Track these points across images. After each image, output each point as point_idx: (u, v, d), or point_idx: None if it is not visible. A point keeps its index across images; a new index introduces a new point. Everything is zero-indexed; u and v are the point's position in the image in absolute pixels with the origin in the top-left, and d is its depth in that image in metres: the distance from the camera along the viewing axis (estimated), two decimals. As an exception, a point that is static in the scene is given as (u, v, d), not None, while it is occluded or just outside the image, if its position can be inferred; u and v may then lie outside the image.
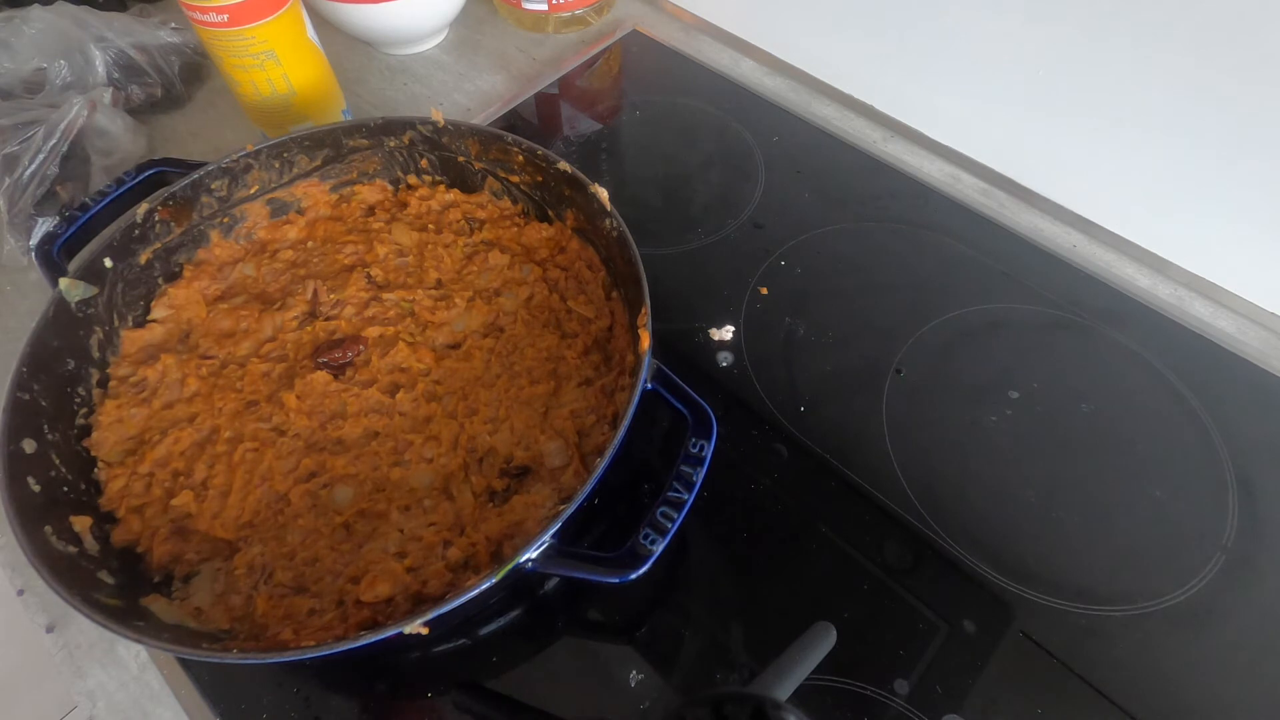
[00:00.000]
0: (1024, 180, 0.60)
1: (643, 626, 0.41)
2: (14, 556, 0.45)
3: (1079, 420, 0.48)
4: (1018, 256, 0.56)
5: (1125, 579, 0.42)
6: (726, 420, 0.48)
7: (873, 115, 0.66)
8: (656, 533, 0.35)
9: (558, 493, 0.42)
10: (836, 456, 0.47)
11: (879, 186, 0.61)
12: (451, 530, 0.40)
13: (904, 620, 0.41)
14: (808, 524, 0.44)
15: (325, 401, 0.45)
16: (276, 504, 0.42)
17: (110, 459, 0.43)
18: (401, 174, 0.56)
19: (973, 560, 0.43)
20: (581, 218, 0.50)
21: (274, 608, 0.38)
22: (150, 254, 0.49)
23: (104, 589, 0.36)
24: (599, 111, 0.67)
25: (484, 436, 0.44)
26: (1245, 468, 0.46)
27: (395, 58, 0.73)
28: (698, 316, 0.53)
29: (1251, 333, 0.53)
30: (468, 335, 0.48)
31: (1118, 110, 0.52)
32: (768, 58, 0.70)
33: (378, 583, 0.38)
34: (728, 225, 0.58)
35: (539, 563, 0.35)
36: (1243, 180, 0.49)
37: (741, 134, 0.64)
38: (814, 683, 0.39)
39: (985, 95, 0.58)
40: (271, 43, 0.55)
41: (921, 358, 0.51)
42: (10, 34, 0.60)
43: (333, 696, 0.40)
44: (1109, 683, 0.39)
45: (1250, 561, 0.43)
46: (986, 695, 0.39)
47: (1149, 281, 0.56)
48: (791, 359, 0.51)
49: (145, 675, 0.41)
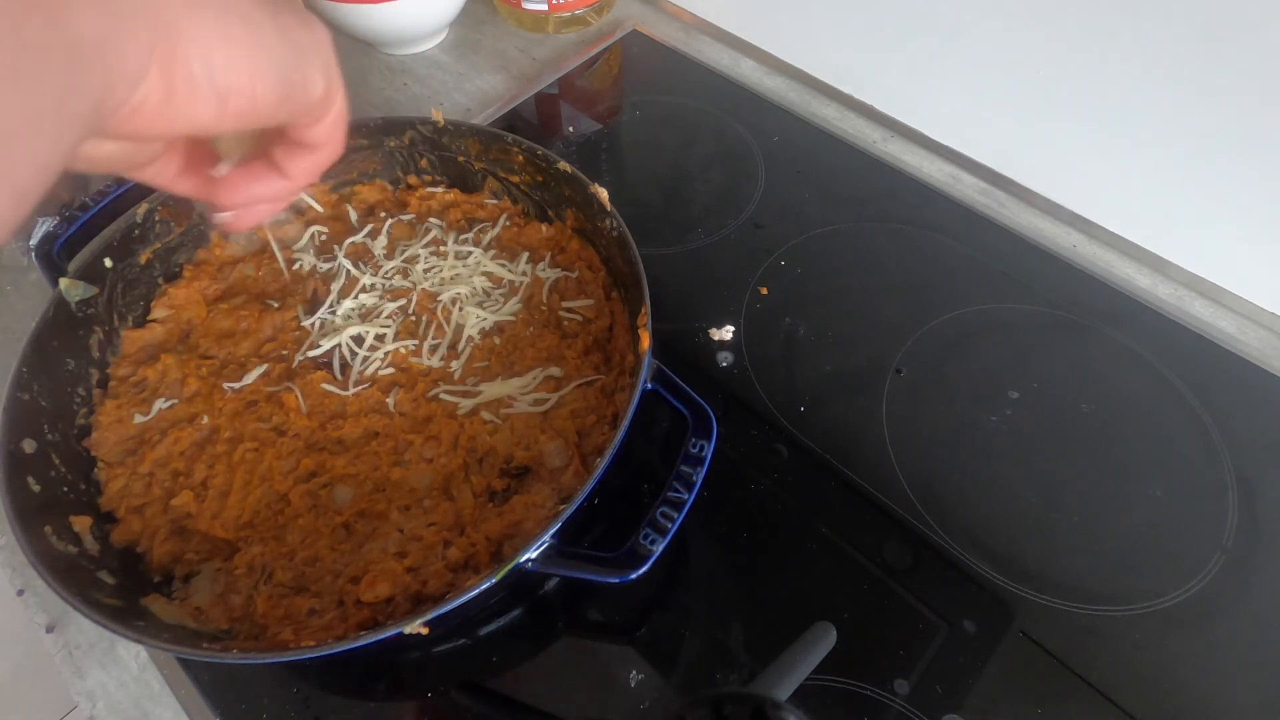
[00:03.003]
0: (1024, 180, 0.60)
1: (643, 626, 0.41)
2: (14, 556, 0.45)
3: (1079, 420, 0.48)
4: (1018, 256, 0.56)
5: (1125, 579, 0.42)
6: (726, 420, 0.48)
7: (873, 115, 0.66)
8: (656, 533, 0.35)
9: (558, 493, 0.42)
10: (836, 456, 0.47)
11: (879, 186, 0.61)
12: (451, 530, 0.40)
13: (904, 620, 0.41)
14: (808, 524, 0.44)
15: (325, 401, 0.45)
16: (276, 504, 0.42)
17: (110, 459, 0.43)
18: (401, 174, 0.56)
19: (973, 560, 0.43)
20: (581, 218, 0.50)
21: (274, 608, 0.38)
22: (150, 254, 0.49)
23: (104, 589, 0.36)
24: (599, 111, 0.67)
25: (484, 436, 0.44)
26: (1245, 468, 0.46)
27: (395, 58, 0.73)
28: (698, 316, 0.53)
29: (1251, 333, 0.53)
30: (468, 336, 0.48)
31: (1118, 110, 0.52)
32: (768, 58, 0.70)
33: (378, 583, 0.38)
34: (728, 225, 0.58)
35: (539, 563, 0.35)
36: (1243, 180, 0.49)
37: (741, 134, 0.64)
38: (814, 683, 0.39)
39: (985, 95, 0.58)
40: (271, 43, 0.55)
41: (921, 358, 0.51)
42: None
43: (333, 696, 0.40)
44: (1109, 683, 0.39)
45: (1250, 561, 0.43)
46: (986, 695, 0.39)
47: (1149, 281, 0.56)
48: (791, 359, 0.51)
49: (145, 675, 0.41)
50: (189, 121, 0.20)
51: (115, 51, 0.17)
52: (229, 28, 0.20)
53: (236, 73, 0.20)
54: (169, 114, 0.19)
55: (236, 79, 0.20)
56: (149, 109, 0.19)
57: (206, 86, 0.20)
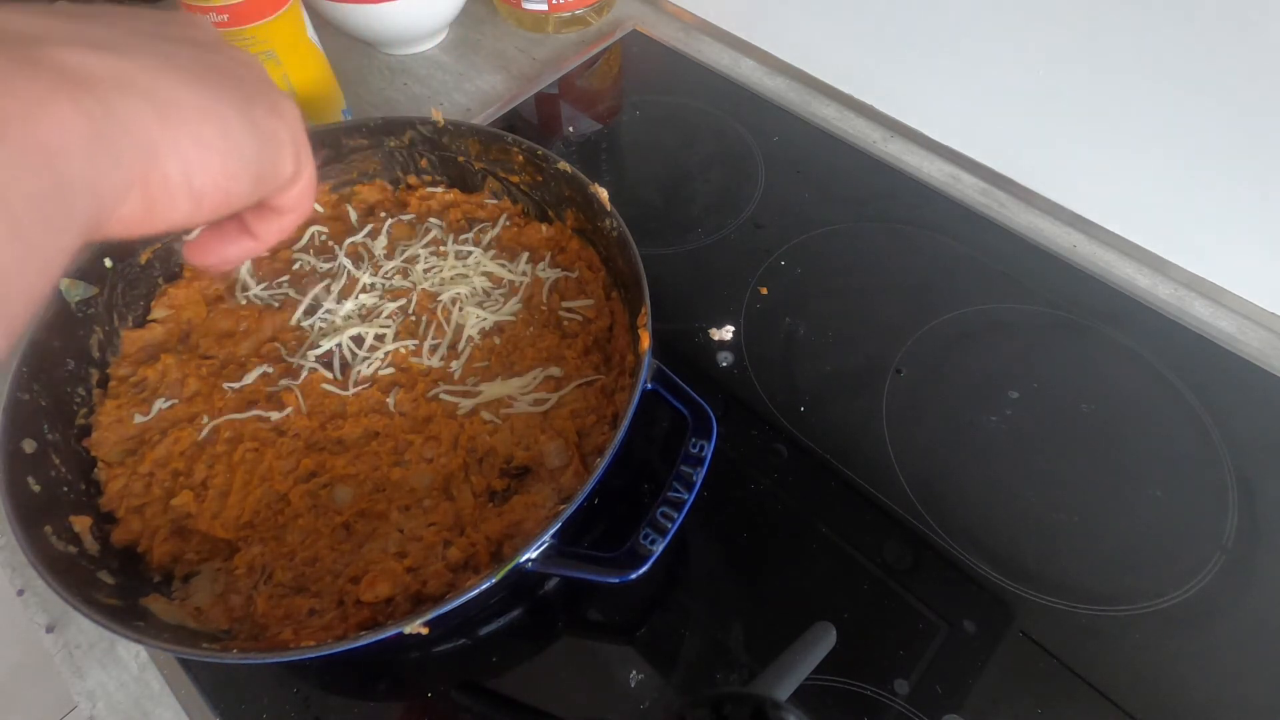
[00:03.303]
0: (1024, 180, 0.60)
1: (643, 626, 0.41)
2: (14, 556, 0.45)
3: (1079, 420, 0.48)
4: (1018, 256, 0.56)
5: (1125, 579, 0.42)
6: (726, 420, 0.48)
7: (873, 115, 0.66)
8: (656, 533, 0.35)
9: (558, 493, 0.42)
10: (836, 456, 0.47)
11: (879, 186, 0.61)
12: (451, 530, 0.40)
13: (904, 620, 0.41)
14: (808, 524, 0.44)
15: (325, 401, 0.45)
16: (276, 504, 0.42)
17: (110, 459, 0.43)
18: (401, 174, 0.56)
19: (973, 560, 0.43)
20: (581, 218, 0.50)
21: (274, 608, 0.38)
22: (150, 253, 0.49)
23: (104, 589, 0.36)
24: (599, 111, 0.67)
25: (484, 436, 0.44)
26: (1245, 468, 0.46)
27: (395, 58, 0.73)
28: (698, 316, 0.53)
29: (1251, 333, 0.53)
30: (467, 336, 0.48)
31: (1118, 110, 0.52)
32: (768, 58, 0.70)
33: (378, 583, 0.38)
34: (728, 225, 0.58)
35: (539, 563, 0.35)
36: (1243, 180, 0.49)
37: (741, 134, 0.64)
38: (814, 683, 0.39)
39: (985, 95, 0.58)
40: (271, 43, 0.55)
41: (921, 358, 0.51)
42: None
43: (333, 696, 0.40)
44: (1109, 683, 0.39)
45: (1250, 561, 0.43)
46: (986, 695, 0.39)
47: (1149, 281, 0.56)
48: (791, 359, 0.51)
49: (145, 675, 0.41)
50: (166, 223, 0.21)
51: (104, 184, 0.18)
52: (204, 136, 0.21)
53: (211, 176, 0.21)
54: (148, 221, 0.20)
55: (211, 181, 0.21)
56: (128, 221, 0.20)
57: (184, 194, 0.20)
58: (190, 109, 0.20)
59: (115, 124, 0.18)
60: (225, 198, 0.22)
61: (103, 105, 0.18)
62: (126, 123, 0.18)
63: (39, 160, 0.16)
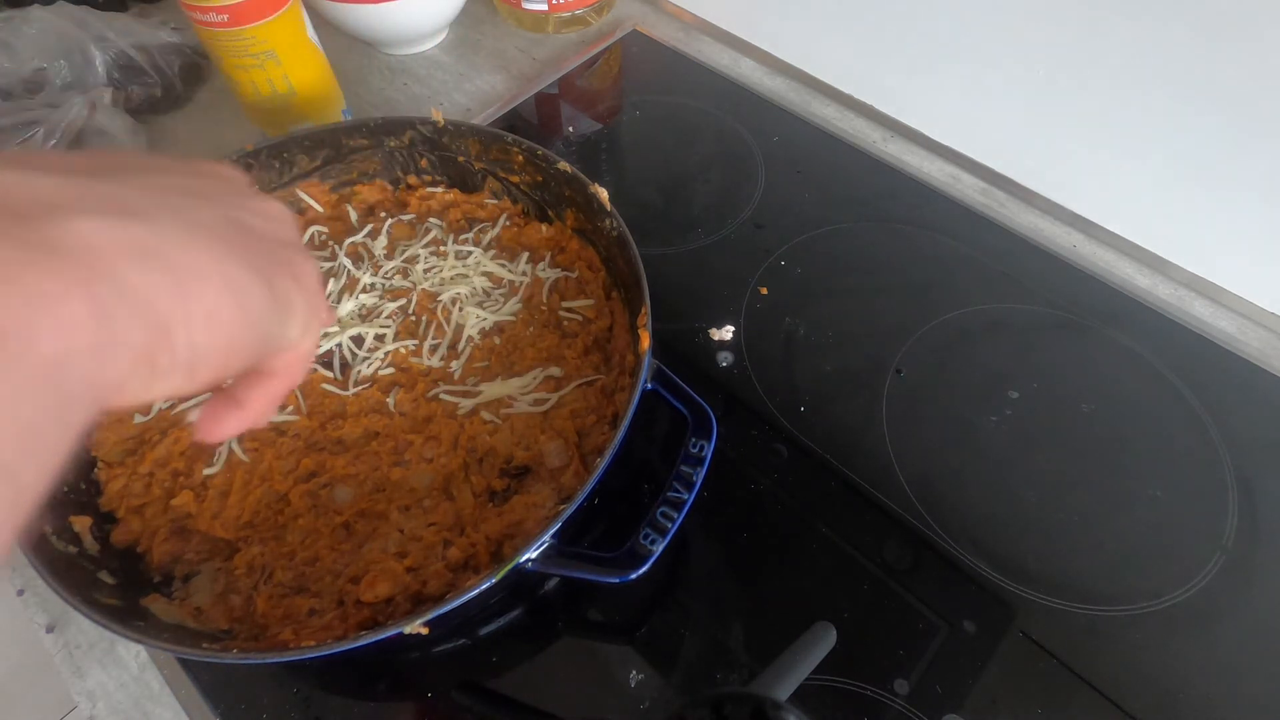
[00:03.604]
0: (1024, 180, 0.60)
1: (643, 626, 0.41)
2: (14, 556, 0.45)
3: (1079, 420, 0.48)
4: (1018, 256, 0.56)
5: (1125, 579, 0.42)
6: (726, 420, 0.48)
7: (873, 115, 0.66)
8: (656, 533, 0.35)
9: (558, 493, 0.42)
10: (836, 456, 0.47)
11: (879, 186, 0.61)
12: (451, 530, 0.40)
13: (904, 620, 0.41)
14: (808, 524, 0.44)
15: (325, 401, 0.45)
16: (276, 504, 0.42)
17: (110, 459, 0.43)
18: (401, 174, 0.56)
19: (973, 560, 0.43)
20: (581, 218, 0.50)
21: (274, 608, 0.38)
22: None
23: (104, 589, 0.36)
24: (599, 111, 0.67)
25: (484, 436, 0.44)
26: (1245, 468, 0.46)
27: (395, 58, 0.73)
28: (698, 316, 0.53)
29: (1251, 333, 0.53)
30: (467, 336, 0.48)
31: (1118, 110, 0.52)
32: (768, 58, 0.70)
33: (378, 583, 0.38)
34: (728, 225, 0.58)
35: (539, 563, 0.35)
36: (1243, 180, 0.49)
37: (741, 134, 0.64)
38: (814, 683, 0.39)
39: (985, 95, 0.58)
40: (271, 43, 0.55)
41: (921, 358, 0.51)
42: (10, 34, 0.60)
43: (333, 696, 0.40)
44: (1109, 683, 0.39)
45: (1250, 561, 0.43)
46: (986, 695, 0.39)
47: (1149, 281, 0.56)
48: (791, 359, 0.51)
49: (145, 675, 0.41)
50: (156, 396, 0.19)
51: (107, 375, 0.17)
52: (219, 309, 0.19)
53: (218, 353, 0.19)
54: (140, 394, 0.19)
55: (216, 356, 0.20)
56: (126, 396, 0.18)
57: (184, 369, 0.19)
58: (211, 278, 0.19)
59: (128, 305, 0.17)
60: (223, 371, 0.20)
61: (117, 286, 0.17)
62: (141, 300, 0.17)
63: (38, 380, 0.15)
